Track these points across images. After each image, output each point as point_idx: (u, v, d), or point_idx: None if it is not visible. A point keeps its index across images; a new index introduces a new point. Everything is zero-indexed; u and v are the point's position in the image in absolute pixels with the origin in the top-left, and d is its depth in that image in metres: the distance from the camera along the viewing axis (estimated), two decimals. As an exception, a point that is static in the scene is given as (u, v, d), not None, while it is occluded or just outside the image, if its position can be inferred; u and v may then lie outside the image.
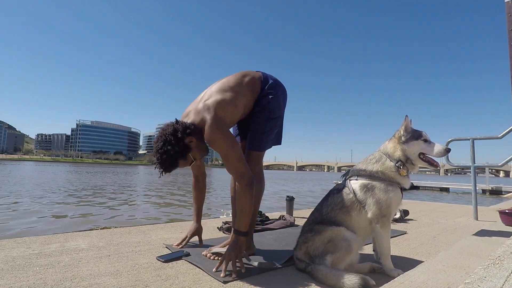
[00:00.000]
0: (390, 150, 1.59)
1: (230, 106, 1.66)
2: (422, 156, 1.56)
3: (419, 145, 1.54)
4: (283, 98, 1.87)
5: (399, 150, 1.56)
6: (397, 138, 1.59)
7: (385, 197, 1.50)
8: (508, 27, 3.15)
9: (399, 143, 1.57)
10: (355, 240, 1.46)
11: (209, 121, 1.58)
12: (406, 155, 1.55)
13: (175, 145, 1.56)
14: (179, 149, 1.57)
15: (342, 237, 1.45)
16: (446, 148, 1.53)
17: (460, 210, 4.28)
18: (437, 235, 2.51)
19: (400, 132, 1.59)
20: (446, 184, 19.50)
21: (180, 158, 1.61)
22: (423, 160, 1.56)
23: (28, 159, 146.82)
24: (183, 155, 1.61)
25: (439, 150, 1.52)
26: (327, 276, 1.36)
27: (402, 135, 1.57)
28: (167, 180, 20.78)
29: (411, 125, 1.60)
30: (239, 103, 1.71)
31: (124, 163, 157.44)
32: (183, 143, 1.58)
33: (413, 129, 1.59)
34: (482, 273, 1.10)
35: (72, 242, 2.00)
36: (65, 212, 6.88)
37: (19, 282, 1.33)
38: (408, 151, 1.55)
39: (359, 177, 1.58)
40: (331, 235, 1.47)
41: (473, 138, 3.57)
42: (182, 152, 1.59)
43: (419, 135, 1.55)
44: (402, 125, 1.58)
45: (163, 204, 9.06)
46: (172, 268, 1.56)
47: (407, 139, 1.55)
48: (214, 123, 1.57)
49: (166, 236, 2.26)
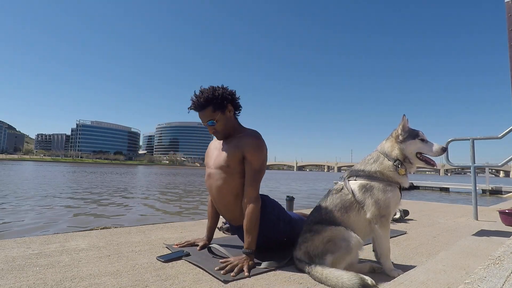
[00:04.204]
0: (387, 149, 1.59)
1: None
2: (419, 155, 1.56)
3: (416, 144, 1.54)
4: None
5: (397, 149, 1.57)
6: (394, 137, 1.60)
7: (383, 197, 1.50)
8: (508, 27, 3.15)
9: (396, 142, 1.58)
10: (355, 239, 1.46)
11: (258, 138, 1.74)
12: (404, 154, 1.56)
13: (222, 94, 1.71)
14: (221, 98, 1.70)
15: (341, 236, 1.45)
16: (443, 147, 1.54)
17: (460, 210, 4.28)
18: (437, 235, 2.51)
19: (397, 131, 1.59)
20: (446, 184, 19.49)
21: (214, 104, 1.70)
22: (421, 159, 1.56)
23: (28, 159, 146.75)
24: (218, 105, 1.71)
25: (436, 149, 1.53)
26: (327, 276, 1.36)
27: (399, 134, 1.58)
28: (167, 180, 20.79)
29: (408, 125, 1.61)
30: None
31: (124, 163, 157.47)
32: (229, 101, 1.74)
33: (410, 128, 1.59)
34: (482, 273, 1.10)
35: (72, 242, 2.00)
36: (65, 212, 6.88)
37: (19, 282, 1.33)
38: (406, 150, 1.55)
39: (357, 178, 1.58)
40: (331, 235, 1.47)
41: (473, 138, 3.57)
42: (221, 103, 1.71)
43: (416, 134, 1.56)
44: (400, 124, 1.59)
45: (163, 204, 9.06)
46: (172, 268, 1.56)
47: (404, 138, 1.56)
48: (263, 142, 1.74)
49: (166, 236, 2.26)
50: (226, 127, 1.77)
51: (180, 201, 9.77)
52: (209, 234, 1.97)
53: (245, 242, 1.62)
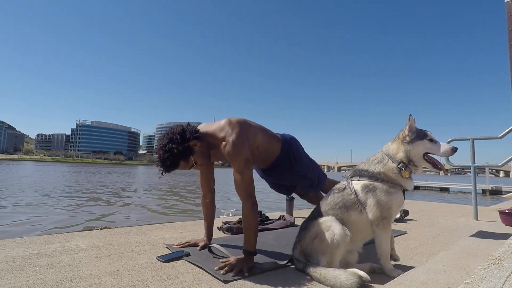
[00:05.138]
0: (392, 151, 1.56)
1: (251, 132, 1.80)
2: (426, 157, 1.52)
3: (424, 145, 1.50)
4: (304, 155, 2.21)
5: (402, 152, 1.53)
6: (401, 138, 1.55)
7: (386, 198, 1.48)
8: (508, 27, 3.15)
9: (403, 144, 1.54)
10: (339, 231, 1.42)
11: (234, 135, 1.65)
12: (408, 156, 1.52)
13: (180, 144, 1.59)
14: (182, 149, 1.59)
15: (326, 229, 1.44)
16: (453, 148, 1.49)
17: (460, 210, 4.28)
18: (437, 235, 2.51)
19: (404, 132, 1.55)
20: (446, 184, 19.50)
21: (181, 159, 1.62)
22: (428, 161, 1.52)
23: (28, 159, 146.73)
24: (185, 156, 1.63)
25: (445, 149, 1.49)
26: (325, 276, 1.36)
27: (407, 135, 1.53)
28: (167, 180, 20.79)
29: (415, 125, 1.56)
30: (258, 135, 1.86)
31: (124, 163, 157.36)
32: (187, 145, 1.62)
33: (417, 128, 1.55)
34: (482, 273, 1.10)
35: (72, 242, 2.00)
36: (65, 212, 6.88)
37: (19, 282, 1.33)
38: (413, 151, 1.51)
39: (361, 178, 1.56)
40: (317, 230, 1.47)
41: (473, 138, 3.57)
42: (185, 153, 1.62)
43: (424, 134, 1.52)
44: (407, 125, 1.54)
45: (164, 204, 9.05)
46: (172, 268, 1.56)
47: (412, 139, 1.52)
48: (239, 137, 1.65)
49: (166, 236, 2.26)
50: (205, 155, 1.74)
51: (180, 201, 9.76)
52: (208, 233, 1.98)
53: (244, 242, 1.62)
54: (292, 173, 2.15)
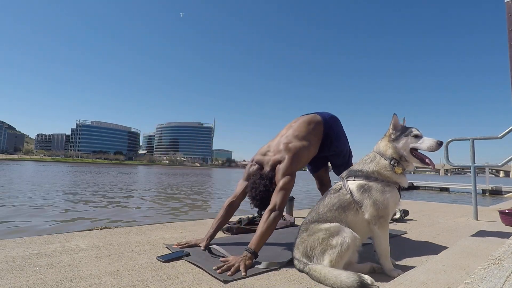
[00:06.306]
0: (382, 148, 1.60)
1: (305, 153, 2.03)
2: (414, 153, 1.56)
3: (409, 140, 1.54)
4: (342, 132, 2.35)
5: (391, 148, 1.57)
6: (387, 136, 1.62)
7: (382, 198, 1.50)
8: (508, 27, 3.15)
9: (389, 141, 1.59)
10: (350, 235, 1.44)
11: (288, 160, 1.90)
12: (398, 153, 1.56)
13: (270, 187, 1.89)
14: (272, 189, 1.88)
15: (336, 233, 1.45)
16: (438, 142, 1.50)
17: (460, 210, 4.28)
18: (437, 235, 2.51)
19: (389, 130, 1.61)
20: (446, 184, 19.49)
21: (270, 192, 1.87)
22: (415, 157, 1.55)
23: (28, 159, 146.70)
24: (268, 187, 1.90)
25: (430, 144, 1.51)
26: (325, 275, 1.36)
27: (391, 133, 1.59)
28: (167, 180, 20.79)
29: (404, 123, 1.62)
30: (310, 151, 2.10)
31: (124, 163, 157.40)
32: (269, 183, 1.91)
33: (403, 126, 1.60)
34: (482, 273, 1.10)
35: (72, 242, 2.00)
36: (65, 212, 6.88)
37: (19, 282, 1.33)
38: (399, 148, 1.55)
39: (356, 178, 1.58)
40: (326, 233, 1.47)
41: (473, 138, 3.57)
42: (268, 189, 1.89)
43: (408, 131, 1.56)
44: (391, 123, 1.60)
45: (163, 204, 9.06)
46: (172, 268, 1.56)
47: (396, 136, 1.57)
48: (292, 162, 1.90)
49: (166, 236, 2.26)
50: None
51: (180, 201, 9.77)
52: (213, 234, 1.95)
53: (252, 241, 1.64)
54: (330, 151, 2.31)
